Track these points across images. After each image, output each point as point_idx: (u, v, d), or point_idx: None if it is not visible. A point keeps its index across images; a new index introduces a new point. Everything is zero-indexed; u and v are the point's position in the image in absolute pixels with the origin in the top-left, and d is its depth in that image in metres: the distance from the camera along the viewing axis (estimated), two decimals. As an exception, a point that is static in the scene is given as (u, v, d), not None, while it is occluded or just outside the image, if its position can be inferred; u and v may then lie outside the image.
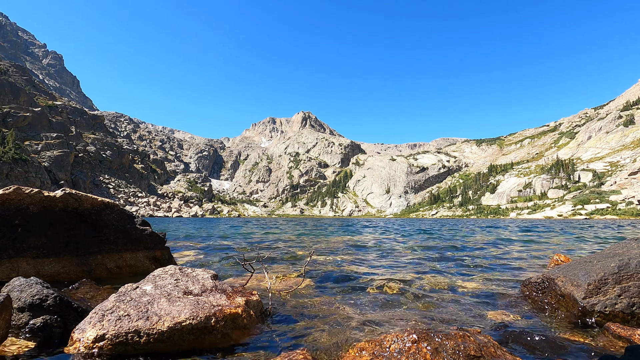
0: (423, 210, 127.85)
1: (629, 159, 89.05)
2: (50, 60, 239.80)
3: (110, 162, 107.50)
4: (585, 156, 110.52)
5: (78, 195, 3.42)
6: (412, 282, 3.60)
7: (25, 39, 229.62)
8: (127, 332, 1.69)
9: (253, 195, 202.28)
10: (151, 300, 1.96)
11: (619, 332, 1.98)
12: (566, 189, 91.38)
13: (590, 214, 66.64)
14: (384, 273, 4.16)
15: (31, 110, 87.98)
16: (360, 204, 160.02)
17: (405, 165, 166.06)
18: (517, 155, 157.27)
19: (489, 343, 1.63)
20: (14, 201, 3.02)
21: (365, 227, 19.52)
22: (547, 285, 2.73)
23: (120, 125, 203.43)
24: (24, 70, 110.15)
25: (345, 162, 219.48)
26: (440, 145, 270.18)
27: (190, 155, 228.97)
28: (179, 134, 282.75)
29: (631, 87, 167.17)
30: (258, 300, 2.35)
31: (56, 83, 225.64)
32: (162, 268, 2.53)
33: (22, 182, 66.52)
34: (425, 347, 1.54)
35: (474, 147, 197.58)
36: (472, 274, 4.12)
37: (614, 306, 2.23)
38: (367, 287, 3.38)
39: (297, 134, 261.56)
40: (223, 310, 1.98)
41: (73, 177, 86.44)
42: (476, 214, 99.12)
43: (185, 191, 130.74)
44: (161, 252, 3.98)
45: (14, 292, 2.03)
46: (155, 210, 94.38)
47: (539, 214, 77.37)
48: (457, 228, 18.93)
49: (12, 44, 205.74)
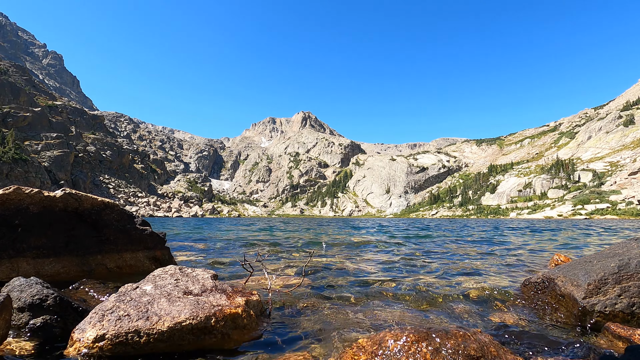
0: (423, 210, 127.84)
1: (629, 159, 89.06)
2: (50, 60, 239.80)
3: (110, 162, 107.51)
4: (585, 156, 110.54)
5: (78, 195, 3.42)
6: (412, 282, 3.60)
7: (25, 39, 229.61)
8: (127, 332, 1.69)
9: (253, 195, 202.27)
10: (151, 300, 1.96)
11: (619, 332, 1.98)
12: (566, 189, 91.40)
13: (590, 214, 66.65)
14: (384, 273, 4.17)
15: (31, 110, 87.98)
16: (360, 204, 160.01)
17: (405, 165, 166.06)
18: (517, 155, 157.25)
19: (489, 343, 1.62)
20: (14, 201, 3.02)
21: (365, 227, 19.51)
22: (547, 285, 2.73)
23: (120, 125, 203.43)
24: (24, 70, 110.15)
25: (345, 162, 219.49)
26: (440, 145, 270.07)
27: (190, 155, 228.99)
28: (179, 134, 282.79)
29: (631, 87, 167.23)
30: (258, 300, 2.35)
31: (56, 83, 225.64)
32: (162, 268, 2.53)
33: (22, 182, 66.51)
34: (425, 346, 1.53)
35: (474, 147, 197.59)
36: (472, 274, 4.12)
37: (614, 306, 2.23)
38: (367, 287, 3.38)
39: (297, 134, 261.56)
40: (223, 310, 1.98)
41: (73, 177, 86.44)
42: (476, 214, 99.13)
43: (185, 191, 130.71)
44: (161, 252, 3.98)
45: (14, 292, 2.03)
46: (155, 210, 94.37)
47: (539, 214, 77.38)
48: (457, 228, 18.93)
49: (12, 44, 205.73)
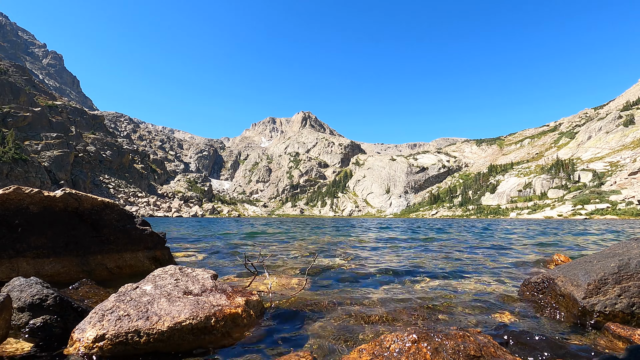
0: (423, 210, 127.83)
1: (629, 159, 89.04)
2: (50, 60, 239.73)
3: (110, 162, 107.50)
4: (585, 156, 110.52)
5: (78, 195, 3.42)
6: (412, 282, 3.60)
7: (25, 39, 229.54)
8: (127, 332, 1.69)
9: (253, 195, 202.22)
10: (151, 300, 1.96)
11: (619, 332, 1.98)
12: (566, 189, 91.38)
13: (590, 214, 66.64)
14: (384, 273, 4.16)
15: (31, 110, 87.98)
16: (360, 204, 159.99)
17: (405, 165, 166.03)
18: (517, 155, 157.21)
19: (489, 343, 1.63)
20: (14, 201, 3.02)
21: (365, 227, 19.52)
22: (547, 285, 2.73)
23: (120, 125, 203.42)
24: (24, 70, 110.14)
25: (345, 162, 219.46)
26: (440, 145, 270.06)
27: (190, 155, 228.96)
28: (179, 134, 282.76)
29: (631, 87, 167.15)
30: (258, 300, 2.35)
31: (56, 83, 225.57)
32: (162, 268, 2.53)
33: (22, 182, 66.51)
34: (425, 347, 1.53)
35: (474, 147, 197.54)
36: (472, 274, 4.12)
37: (614, 306, 2.23)
38: (367, 287, 3.38)
39: (297, 134, 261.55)
40: (223, 310, 1.98)
41: (73, 177, 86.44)
42: (476, 214, 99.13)
43: (185, 191, 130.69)
44: (161, 252, 3.98)
45: (14, 292, 2.03)
46: (155, 210, 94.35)
47: (539, 214, 77.38)
48: (457, 228, 18.93)
49: (12, 44, 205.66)
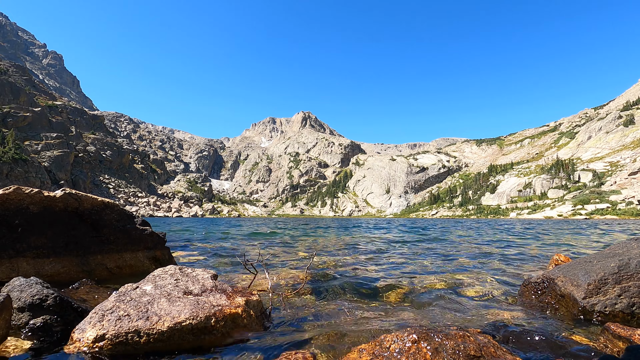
0: (423, 210, 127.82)
1: (629, 159, 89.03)
2: (50, 60, 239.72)
3: (110, 162, 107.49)
4: (585, 156, 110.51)
5: (78, 195, 3.42)
6: (412, 282, 3.60)
7: (25, 39, 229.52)
8: (127, 332, 1.69)
9: (253, 195, 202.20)
10: (151, 300, 1.96)
11: (619, 332, 1.98)
12: (566, 189, 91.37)
13: (590, 214, 66.63)
14: (384, 273, 4.16)
15: (31, 110, 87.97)
16: (360, 204, 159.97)
17: (405, 165, 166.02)
18: (517, 155, 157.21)
19: (489, 343, 1.62)
20: (14, 201, 3.02)
21: (365, 227, 19.52)
22: (547, 285, 2.73)
23: (120, 125, 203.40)
24: (24, 70, 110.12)
25: (345, 162, 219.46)
26: (440, 145, 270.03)
27: (190, 155, 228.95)
28: (179, 134, 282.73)
29: (631, 87, 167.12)
30: (258, 300, 2.35)
31: (56, 83, 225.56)
32: (162, 268, 2.53)
33: (22, 182, 66.50)
34: (425, 347, 1.53)
35: (474, 147, 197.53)
36: (472, 274, 4.12)
37: (614, 306, 2.23)
38: (367, 287, 3.38)
39: (297, 134, 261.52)
40: (223, 310, 1.98)
41: (73, 177, 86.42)
42: (476, 214, 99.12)
43: (185, 191, 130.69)
44: (161, 252, 3.98)
45: (14, 292, 2.03)
46: (155, 210, 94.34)
47: (539, 214, 77.38)
48: (457, 228, 18.93)
49: (12, 44, 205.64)
